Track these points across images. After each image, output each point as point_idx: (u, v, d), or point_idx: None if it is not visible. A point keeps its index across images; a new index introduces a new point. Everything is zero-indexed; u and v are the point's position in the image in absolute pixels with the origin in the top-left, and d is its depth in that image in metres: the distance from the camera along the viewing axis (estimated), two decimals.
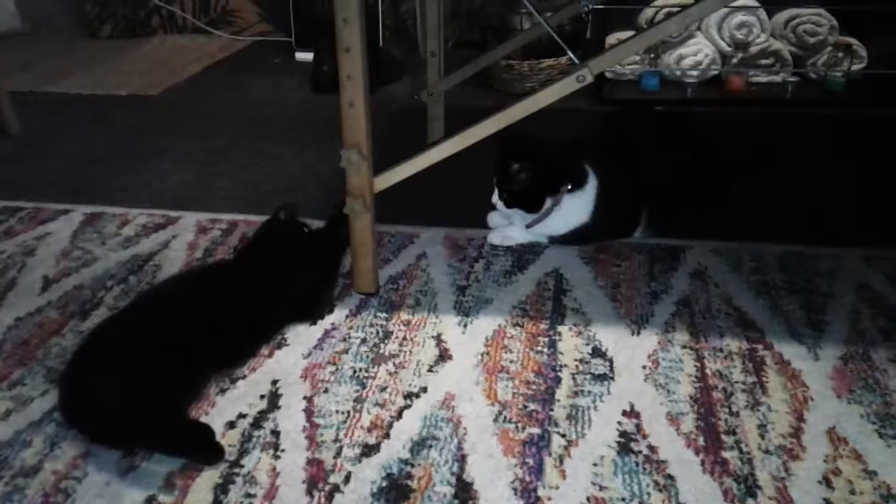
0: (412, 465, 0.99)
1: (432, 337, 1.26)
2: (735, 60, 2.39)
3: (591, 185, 1.47)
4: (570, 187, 1.46)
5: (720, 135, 1.68)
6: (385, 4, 2.83)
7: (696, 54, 2.38)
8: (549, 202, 1.46)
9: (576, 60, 1.28)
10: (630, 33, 2.40)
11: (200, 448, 1.00)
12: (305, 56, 2.90)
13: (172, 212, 1.70)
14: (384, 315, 1.32)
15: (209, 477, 0.98)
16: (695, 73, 2.40)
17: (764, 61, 2.40)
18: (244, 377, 1.16)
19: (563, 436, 1.03)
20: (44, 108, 2.48)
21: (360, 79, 1.22)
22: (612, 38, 2.40)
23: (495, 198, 1.48)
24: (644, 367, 1.17)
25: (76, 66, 2.96)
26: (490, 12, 2.73)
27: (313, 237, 1.40)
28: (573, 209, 1.47)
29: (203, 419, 1.07)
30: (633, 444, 1.02)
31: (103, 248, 1.55)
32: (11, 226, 1.65)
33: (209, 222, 1.65)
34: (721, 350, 1.20)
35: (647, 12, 2.39)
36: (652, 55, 2.41)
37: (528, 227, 1.50)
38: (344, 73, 1.22)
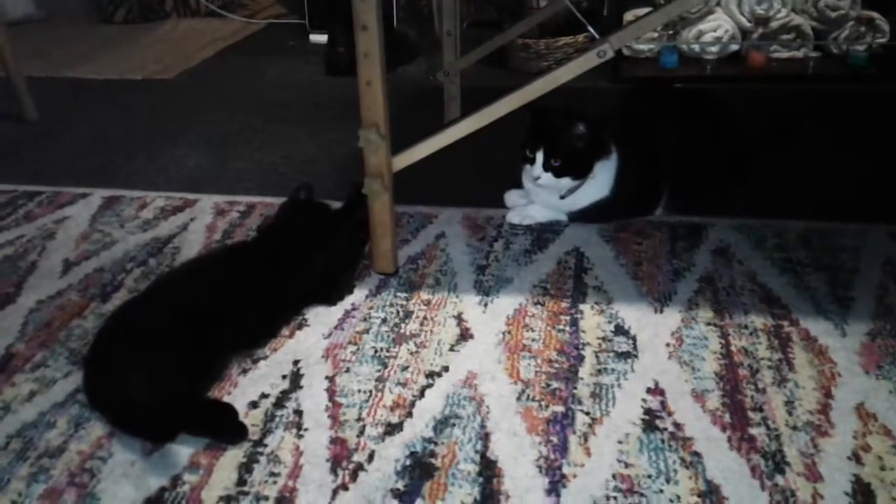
0: (436, 444, 0.99)
1: (453, 316, 1.25)
2: (755, 36, 2.35)
3: (613, 159, 1.46)
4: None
5: (740, 111, 1.65)
6: None
7: (715, 30, 2.35)
8: (595, 167, 1.44)
9: (596, 35, 1.26)
10: (647, 10, 2.36)
11: (224, 428, 1.00)
12: (319, 38, 2.89)
13: (190, 194, 1.70)
14: (404, 295, 1.31)
15: (233, 456, 0.98)
16: (714, 49, 2.36)
17: (785, 36, 2.36)
18: (265, 357, 1.16)
19: (588, 413, 1.03)
20: (60, 93, 2.48)
21: (378, 57, 1.20)
22: (629, 15, 2.37)
23: (538, 170, 1.42)
24: (668, 344, 1.16)
25: (91, 52, 2.96)
26: None
27: (335, 218, 1.39)
28: (595, 182, 1.46)
29: (225, 399, 1.07)
30: (658, 422, 1.01)
31: (122, 231, 1.56)
32: (30, 210, 1.65)
33: (227, 204, 1.65)
34: (746, 327, 1.19)
35: None
36: (670, 31, 2.38)
37: (562, 198, 1.47)
38: (361, 51, 1.20)
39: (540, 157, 1.41)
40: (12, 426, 1.04)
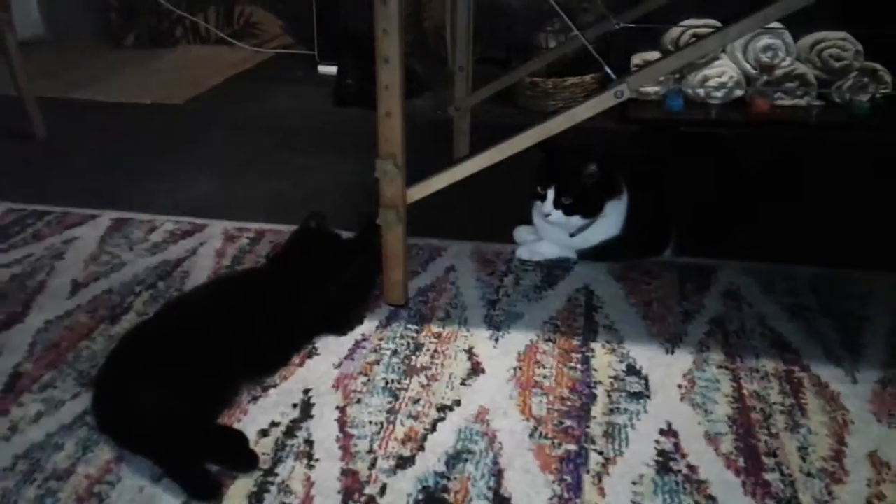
0: (448, 479, 0.98)
1: (464, 350, 1.24)
2: (760, 83, 2.39)
3: (624, 199, 1.47)
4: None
5: (744, 156, 1.67)
6: (408, 21, 2.84)
7: (720, 76, 2.38)
8: (606, 206, 1.45)
9: (613, 76, 1.28)
10: (655, 54, 2.40)
11: (235, 455, 0.99)
12: (328, 69, 2.91)
13: (199, 219, 1.70)
14: (414, 327, 1.31)
15: (243, 485, 0.97)
16: (719, 94, 2.39)
17: (789, 84, 2.39)
18: (275, 386, 1.15)
19: (601, 453, 1.02)
20: (69, 114, 2.49)
21: (398, 89, 1.22)
22: (636, 59, 2.40)
23: (549, 207, 1.43)
24: (680, 386, 1.16)
25: (100, 74, 2.97)
26: (516, 30, 2.73)
27: (347, 247, 1.40)
28: (605, 220, 1.47)
29: (235, 427, 1.06)
30: (672, 464, 1.00)
31: (131, 253, 1.55)
32: (39, 229, 1.65)
33: (236, 230, 1.65)
34: (757, 371, 1.19)
35: (673, 32, 2.40)
36: (676, 76, 2.41)
37: (572, 235, 1.48)
38: (382, 83, 1.22)
39: (551, 194, 1.43)
40: (19, 447, 1.03)
